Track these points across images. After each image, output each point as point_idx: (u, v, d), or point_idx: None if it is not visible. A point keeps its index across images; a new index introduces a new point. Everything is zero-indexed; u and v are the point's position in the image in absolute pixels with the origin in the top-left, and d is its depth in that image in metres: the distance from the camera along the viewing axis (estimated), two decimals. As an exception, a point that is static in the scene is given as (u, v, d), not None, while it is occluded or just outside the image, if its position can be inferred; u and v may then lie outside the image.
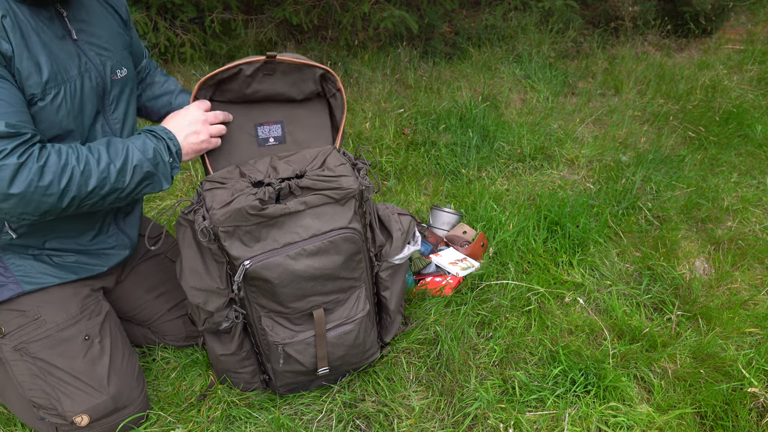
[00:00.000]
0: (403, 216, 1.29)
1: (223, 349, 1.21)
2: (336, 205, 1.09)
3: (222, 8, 3.15)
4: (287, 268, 1.06)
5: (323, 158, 1.15)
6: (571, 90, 3.12)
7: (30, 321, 1.12)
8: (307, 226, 1.07)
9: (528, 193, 2.12)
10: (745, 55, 3.47)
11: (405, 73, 3.20)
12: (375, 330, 1.31)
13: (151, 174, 1.03)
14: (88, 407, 1.14)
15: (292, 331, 1.15)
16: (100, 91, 1.09)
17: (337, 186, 1.08)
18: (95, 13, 1.12)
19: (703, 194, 2.08)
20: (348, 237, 1.10)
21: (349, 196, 1.10)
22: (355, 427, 1.24)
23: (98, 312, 1.20)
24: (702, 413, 1.27)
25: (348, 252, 1.11)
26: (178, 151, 1.08)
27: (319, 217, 1.08)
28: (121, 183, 0.98)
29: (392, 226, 1.25)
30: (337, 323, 1.17)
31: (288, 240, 1.06)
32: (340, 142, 1.27)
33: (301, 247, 1.06)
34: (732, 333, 1.46)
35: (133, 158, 1.00)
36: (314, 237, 1.07)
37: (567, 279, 1.67)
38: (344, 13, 3.24)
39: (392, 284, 1.29)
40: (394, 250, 1.24)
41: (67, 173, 0.91)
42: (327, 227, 1.08)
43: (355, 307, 1.19)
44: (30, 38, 0.93)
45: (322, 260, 1.09)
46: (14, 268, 1.10)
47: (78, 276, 1.17)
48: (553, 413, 1.25)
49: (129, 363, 1.23)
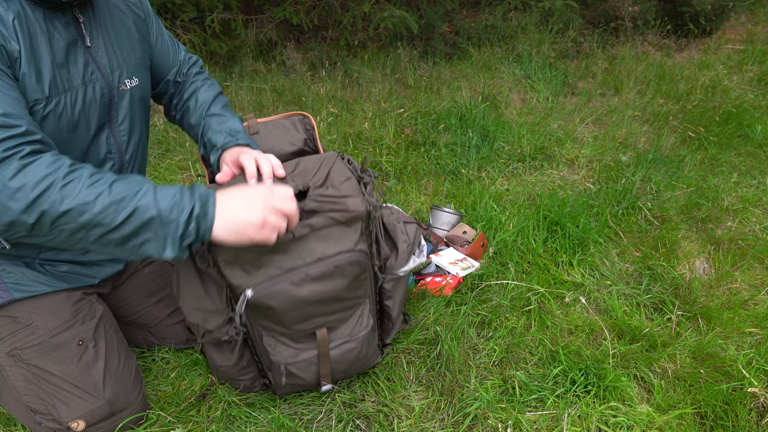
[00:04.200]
0: (409, 225, 1.23)
1: (222, 361, 1.19)
2: (342, 226, 1.04)
3: (222, 8, 3.15)
4: (291, 295, 1.02)
5: (327, 170, 1.07)
6: (571, 90, 3.12)
7: (22, 327, 1.10)
8: (311, 250, 1.02)
9: (528, 193, 2.12)
10: (745, 55, 3.47)
11: (405, 73, 3.20)
12: (376, 338, 1.29)
13: (155, 228, 0.84)
14: (84, 413, 1.13)
15: (295, 349, 1.13)
16: (106, 102, 1.06)
17: (343, 208, 1.02)
18: (116, 20, 1.09)
19: (703, 194, 2.08)
20: (354, 260, 1.05)
21: (355, 219, 1.04)
22: (355, 427, 1.24)
23: (92, 315, 1.18)
24: (702, 413, 1.27)
25: (353, 274, 1.07)
26: (203, 231, 0.87)
27: (324, 240, 1.02)
28: (109, 219, 0.81)
29: (398, 237, 1.19)
30: (340, 342, 1.15)
31: (291, 265, 1.01)
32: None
33: (305, 273, 1.01)
34: (732, 333, 1.46)
35: (141, 199, 0.83)
36: (319, 261, 1.02)
37: (567, 279, 1.67)
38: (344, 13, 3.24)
39: (395, 293, 1.26)
40: (400, 263, 1.19)
41: (44, 183, 0.79)
42: (332, 251, 1.03)
43: (358, 324, 1.16)
44: (37, 43, 0.91)
45: (327, 285, 1.04)
46: (4, 274, 1.08)
47: (70, 285, 1.15)
48: (553, 413, 1.25)
49: (125, 366, 1.21)
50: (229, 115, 1.25)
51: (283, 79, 3.14)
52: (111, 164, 1.12)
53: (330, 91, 2.98)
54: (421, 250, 1.25)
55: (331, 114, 2.71)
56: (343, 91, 3.02)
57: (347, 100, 2.89)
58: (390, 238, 1.21)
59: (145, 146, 1.25)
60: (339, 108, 2.77)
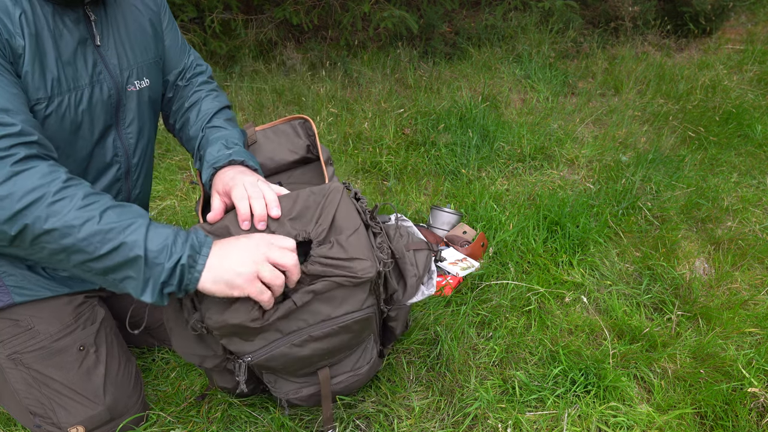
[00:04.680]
0: (419, 252, 1.12)
1: (223, 382, 1.15)
2: (349, 287, 0.95)
3: (222, 8, 3.15)
4: (293, 356, 0.97)
5: (331, 215, 0.96)
6: (571, 90, 3.12)
7: (23, 331, 1.08)
8: (315, 312, 0.94)
9: (528, 193, 2.12)
10: (745, 55, 3.47)
11: (405, 73, 3.20)
12: (377, 354, 1.23)
13: (138, 268, 0.79)
14: (84, 418, 1.12)
15: (297, 384, 1.08)
16: (113, 103, 1.03)
17: (351, 275, 0.92)
18: (129, 18, 1.07)
19: (703, 194, 2.08)
20: (361, 318, 0.98)
21: (364, 283, 0.95)
22: (356, 427, 1.24)
23: (93, 320, 1.16)
24: (702, 413, 1.27)
25: (359, 329, 1.01)
26: (187, 282, 0.82)
27: (328, 302, 0.95)
28: (92, 248, 0.77)
29: (407, 270, 1.10)
30: (343, 377, 1.10)
31: (293, 328, 0.94)
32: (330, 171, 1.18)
33: (308, 334, 0.95)
34: (732, 333, 1.46)
35: (131, 234, 0.79)
36: (323, 322, 0.95)
37: (567, 279, 1.67)
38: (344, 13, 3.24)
39: (400, 316, 1.20)
40: (407, 297, 1.11)
41: (33, 195, 0.74)
42: (338, 312, 0.95)
43: (361, 358, 1.11)
44: (43, 40, 0.89)
45: (331, 341, 0.98)
46: (5, 277, 1.06)
47: (71, 290, 1.13)
48: (553, 413, 1.25)
49: (125, 370, 1.20)
50: (230, 128, 1.17)
51: (283, 79, 3.14)
52: (117, 168, 1.10)
53: (330, 91, 2.98)
54: (431, 277, 1.15)
55: (331, 114, 2.71)
56: (343, 91, 3.02)
57: (347, 100, 2.89)
58: (398, 268, 1.12)
59: (152, 150, 1.22)
60: (339, 108, 2.77)
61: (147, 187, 1.24)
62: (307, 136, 1.27)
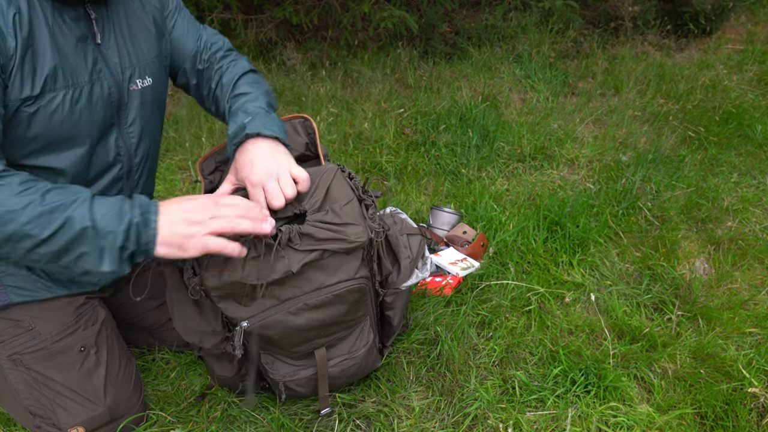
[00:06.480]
0: (412, 237, 1.18)
1: (222, 371, 1.18)
2: (342, 255, 0.99)
3: (222, 8, 3.15)
4: (288, 324, 1.00)
5: (325, 187, 1.02)
6: (571, 90, 3.12)
7: (24, 332, 1.08)
8: (309, 279, 0.98)
9: (528, 193, 2.12)
10: (745, 55, 3.47)
11: (405, 73, 3.19)
12: (377, 347, 1.27)
13: (89, 240, 0.79)
14: (84, 420, 1.12)
15: (294, 366, 1.11)
16: (114, 102, 1.02)
17: (343, 238, 0.96)
18: (131, 16, 1.06)
19: (703, 194, 2.08)
20: (354, 288, 1.02)
21: (357, 249, 1.00)
22: (356, 427, 1.24)
23: (94, 321, 1.16)
24: (702, 413, 1.27)
25: (353, 300, 1.05)
26: (146, 241, 0.82)
27: (322, 270, 0.99)
28: (37, 230, 0.76)
29: (401, 252, 1.14)
30: (339, 360, 1.14)
31: (289, 295, 0.98)
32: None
33: (303, 302, 0.99)
34: (732, 333, 1.46)
35: (76, 209, 0.78)
36: (317, 290, 0.99)
37: (567, 279, 1.67)
38: (344, 13, 3.23)
39: (397, 304, 1.22)
40: (402, 279, 1.16)
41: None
42: (331, 280, 0.99)
43: (358, 341, 1.15)
44: (37, 38, 0.87)
45: (326, 312, 1.02)
46: (4, 276, 1.05)
47: (70, 291, 1.13)
48: (553, 413, 1.25)
49: (126, 372, 1.20)
50: (255, 91, 1.13)
51: (283, 79, 3.14)
52: (119, 167, 1.09)
53: (330, 91, 2.98)
54: (425, 263, 1.20)
55: (331, 114, 2.71)
56: (343, 91, 3.02)
57: (347, 100, 2.89)
58: (392, 251, 1.16)
59: (156, 150, 1.21)
60: (339, 108, 2.77)
61: (149, 187, 1.23)
62: (307, 134, 1.29)
